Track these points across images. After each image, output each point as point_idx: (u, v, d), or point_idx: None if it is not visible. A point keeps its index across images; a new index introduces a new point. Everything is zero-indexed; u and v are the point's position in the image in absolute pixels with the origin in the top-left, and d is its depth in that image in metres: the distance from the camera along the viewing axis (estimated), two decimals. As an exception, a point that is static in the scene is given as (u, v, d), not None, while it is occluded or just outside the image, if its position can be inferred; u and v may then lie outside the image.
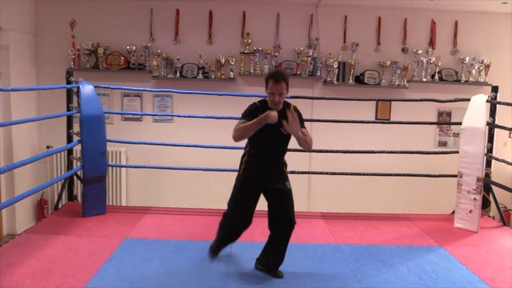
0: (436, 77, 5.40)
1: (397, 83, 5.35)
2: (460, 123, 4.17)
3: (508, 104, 4.08)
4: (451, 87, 5.42)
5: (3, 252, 3.18)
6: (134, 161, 5.44)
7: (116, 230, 3.73)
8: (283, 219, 2.91)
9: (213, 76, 5.31)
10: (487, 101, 4.08)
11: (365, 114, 5.47)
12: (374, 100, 5.38)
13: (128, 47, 5.26)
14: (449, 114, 5.56)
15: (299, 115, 2.92)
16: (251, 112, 2.81)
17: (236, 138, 2.77)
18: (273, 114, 2.67)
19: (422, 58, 5.37)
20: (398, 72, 5.33)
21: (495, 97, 4.23)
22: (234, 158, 3.94)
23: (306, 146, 2.85)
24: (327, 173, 4.71)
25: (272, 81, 2.75)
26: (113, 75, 5.28)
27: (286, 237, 2.94)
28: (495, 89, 4.28)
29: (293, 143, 4.72)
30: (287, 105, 2.92)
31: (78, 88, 4.07)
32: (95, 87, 4.20)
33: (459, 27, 5.46)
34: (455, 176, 4.20)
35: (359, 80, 5.42)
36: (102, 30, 5.32)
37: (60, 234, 3.57)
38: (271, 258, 2.99)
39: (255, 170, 2.92)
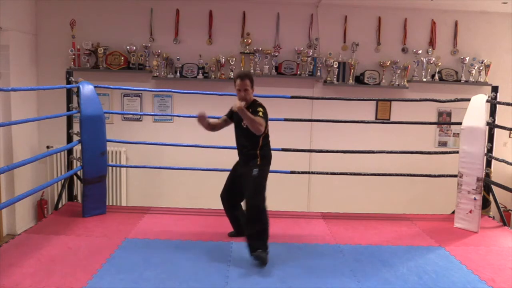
0: (436, 77, 5.40)
1: (397, 83, 5.35)
2: (460, 123, 4.16)
3: (508, 104, 4.08)
4: (451, 87, 5.42)
5: (3, 252, 3.17)
6: (134, 161, 5.45)
7: (116, 230, 3.73)
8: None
9: (213, 76, 5.31)
10: (487, 101, 4.07)
11: (365, 114, 5.48)
12: (374, 100, 5.38)
13: (128, 47, 5.27)
14: (449, 114, 5.56)
15: (256, 106, 3.35)
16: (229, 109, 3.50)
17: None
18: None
19: (422, 58, 5.37)
20: (398, 72, 5.33)
21: (495, 97, 4.23)
22: (233, 158, 3.95)
23: (248, 122, 3.20)
24: (327, 173, 4.70)
25: (239, 79, 3.32)
26: (113, 75, 5.28)
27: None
28: (495, 89, 4.28)
29: (291, 143, 4.74)
30: (255, 101, 3.42)
31: (78, 88, 4.06)
32: (95, 87, 4.20)
33: (459, 27, 5.46)
34: (455, 176, 4.19)
35: (359, 80, 5.42)
36: (102, 30, 5.32)
37: (60, 234, 3.57)
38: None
39: (270, 158, 3.44)
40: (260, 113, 3.26)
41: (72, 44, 5.23)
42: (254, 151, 3.36)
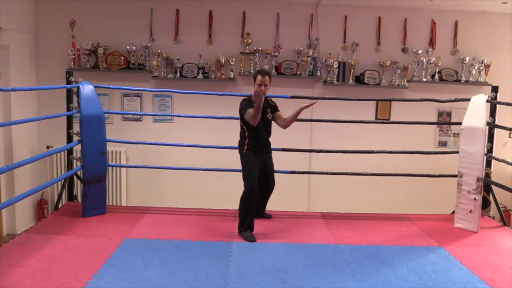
0: (436, 77, 5.40)
1: (397, 83, 5.35)
2: (460, 123, 4.16)
3: (508, 104, 4.08)
4: (451, 87, 5.42)
5: (3, 252, 3.18)
6: (134, 161, 5.45)
7: (116, 230, 3.73)
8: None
9: (213, 76, 5.31)
10: (487, 101, 4.07)
11: (365, 114, 5.48)
12: (374, 100, 5.38)
13: (128, 47, 5.27)
14: (449, 114, 5.56)
15: (275, 105, 3.97)
16: (249, 104, 3.73)
17: (255, 122, 3.61)
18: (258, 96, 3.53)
19: (422, 58, 5.37)
20: (398, 72, 5.33)
21: (495, 97, 4.23)
22: (233, 158, 3.96)
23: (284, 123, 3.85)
24: (327, 173, 4.70)
25: (260, 75, 3.68)
26: (113, 75, 5.28)
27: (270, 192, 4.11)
28: (495, 89, 4.28)
29: (291, 143, 4.74)
30: (269, 99, 3.94)
31: (78, 88, 4.06)
32: (95, 87, 4.20)
33: (459, 27, 5.46)
34: (455, 176, 4.19)
35: (359, 80, 5.42)
36: (102, 30, 5.32)
37: (60, 234, 3.57)
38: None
39: (256, 147, 3.80)
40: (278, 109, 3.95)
41: (72, 44, 5.23)
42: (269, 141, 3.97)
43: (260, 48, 5.29)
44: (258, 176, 3.76)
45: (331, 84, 5.37)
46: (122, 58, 5.23)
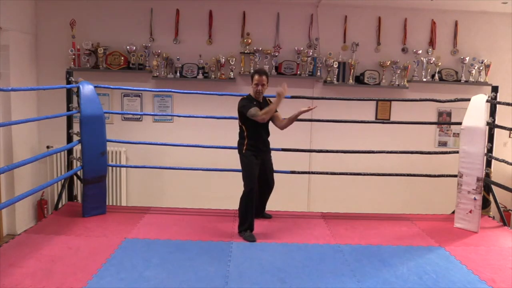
0: (436, 77, 5.40)
1: (397, 83, 5.36)
2: (460, 123, 4.16)
3: (508, 104, 4.08)
4: (451, 87, 5.42)
5: (3, 252, 3.18)
6: (134, 161, 5.45)
7: (116, 230, 3.73)
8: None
9: (213, 76, 5.31)
10: (487, 101, 4.07)
11: (365, 114, 5.48)
12: (374, 100, 5.38)
13: (128, 47, 5.27)
14: (449, 114, 5.56)
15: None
16: (251, 102, 3.72)
17: (265, 119, 3.67)
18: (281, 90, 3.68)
19: (422, 58, 5.37)
20: (398, 72, 5.33)
21: (495, 97, 4.23)
22: (233, 158, 3.96)
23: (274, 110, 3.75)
24: (327, 173, 4.70)
25: (257, 75, 3.72)
26: (113, 75, 5.28)
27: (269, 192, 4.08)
28: (495, 89, 4.27)
29: (291, 143, 4.74)
30: (268, 99, 3.91)
31: (78, 88, 4.06)
32: (95, 87, 4.20)
33: (459, 27, 5.46)
34: (455, 176, 4.19)
35: (359, 80, 5.42)
36: (102, 30, 5.32)
37: (60, 234, 3.57)
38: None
39: (255, 147, 3.78)
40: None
41: (72, 44, 5.23)
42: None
43: (260, 48, 5.29)
44: (258, 176, 3.76)
45: (331, 84, 5.37)
46: (122, 58, 5.24)
